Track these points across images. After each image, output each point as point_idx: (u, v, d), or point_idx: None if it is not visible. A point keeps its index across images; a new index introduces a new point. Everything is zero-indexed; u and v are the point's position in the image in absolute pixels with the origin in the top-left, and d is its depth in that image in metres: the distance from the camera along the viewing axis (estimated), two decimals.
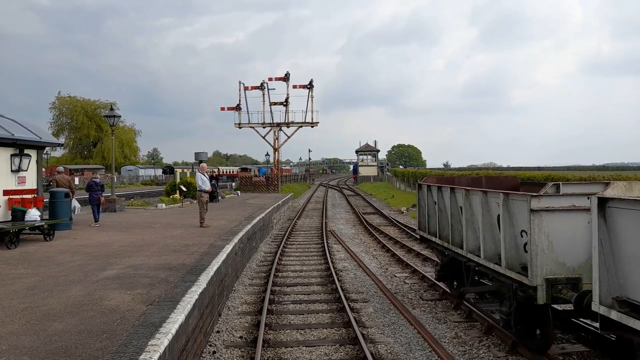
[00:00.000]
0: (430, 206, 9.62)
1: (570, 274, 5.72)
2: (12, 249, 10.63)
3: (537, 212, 5.64)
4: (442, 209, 8.81)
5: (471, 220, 7.47)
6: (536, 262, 5.67)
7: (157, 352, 4.50)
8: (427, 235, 9.81)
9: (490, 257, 6.85)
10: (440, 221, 8.94)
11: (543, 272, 5.68)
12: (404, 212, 29.58)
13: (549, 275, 5.70)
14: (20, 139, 12.44)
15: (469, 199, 7.48)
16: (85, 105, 76.54)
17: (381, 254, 15.48)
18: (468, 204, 7.48)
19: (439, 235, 9.01)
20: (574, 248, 5.70)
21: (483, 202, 6.91)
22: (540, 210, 5.64)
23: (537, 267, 5.68)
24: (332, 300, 9.67)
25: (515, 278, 6.13)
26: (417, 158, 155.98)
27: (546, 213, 5.65)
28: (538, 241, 5.65)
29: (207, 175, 15.46)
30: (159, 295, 6.56)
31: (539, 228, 5.64)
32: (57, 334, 5.05)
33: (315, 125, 43.63)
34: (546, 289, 5.69)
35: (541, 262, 5.67)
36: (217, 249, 10.36)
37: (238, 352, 7.02)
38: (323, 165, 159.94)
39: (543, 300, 5.72)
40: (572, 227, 5.69)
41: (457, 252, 8.13)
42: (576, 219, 5.68)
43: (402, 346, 7.27)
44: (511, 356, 6.80)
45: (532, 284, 5.72)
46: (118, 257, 9.49)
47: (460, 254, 7.96)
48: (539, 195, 5.69)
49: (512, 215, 6.25)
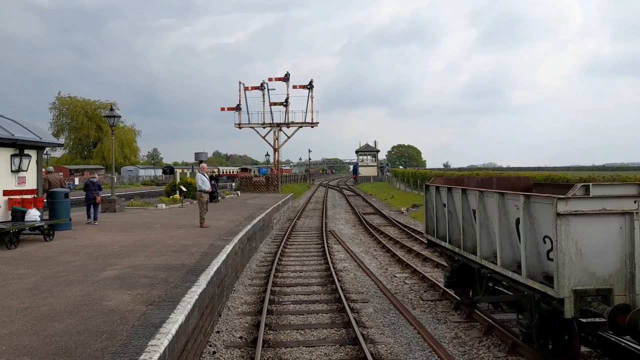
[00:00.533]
0: (438, 209, 9.07)
1: (601, 285, 5.22)
2: (12, 249, 10.63)
3: (564, 216, 5.15)
4: (452, 212, 8.30)
5: (485, 225, 6.95)
6: (563, 271, 5.18)
7: (157, 353, 4.50)
8: (436, 240, 9.24)
9: (507, 265, 6.36)
10: (450, 225, 8.43)
11: (571, 282, 5.19)
12: (404, 213, 29.58)
13: (577, 287, 5.20)
14: (21, 139, 12.44)
15: (483, 202, 6.95)
16: (86, 106, 76.56)
17: (381, 254, 15.48)
18: (482, 206, 6.96)
19: (448, 239, 8.49)
20: (604, 256, 5.23)
21: (500, 205, 6.41)
22: (568, 214, 5.16)
23: (564, 277, 5.18)
24: (332, 301, 9.67)
25: (539, 289, 5.62)
26: (417, 158, 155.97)
27: (574, 217, 5.17)
28: (565, 249, 5.17)
29: (207, 175, 15.45)
30: (159, 296, 6.56)
31: (566, 234, 5.16)
32: (57, 334, 5.05)
33: (315, 126, 43.63)
34: (574, 302, 5.19)
35: (569, 271, 5.18)
36: (217, 249, 10.36)
37: (238, 352, 7.02)
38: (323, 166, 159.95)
39: (571, 314, 5.23)
40: (602, 233, 5.22)
41: (469, 258, 7.59)
42: (607, 224, 5.22)
43: (402, 346, 7.27)
44: (511, 356, 6.80)
45: (559, 296, 5.21)
46: (118, 258, 9.49)
47: (473, 260, 7.43)
48: (566, 198, 5.21)
49: (533, 220, 5.75)
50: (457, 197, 8.02)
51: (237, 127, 44.14)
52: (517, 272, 6.08)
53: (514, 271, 6.18)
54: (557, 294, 5.22)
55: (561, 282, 5.19)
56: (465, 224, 7.72)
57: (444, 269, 12.68)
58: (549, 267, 5.54)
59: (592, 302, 5.18)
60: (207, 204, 14.83)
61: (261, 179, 43.28)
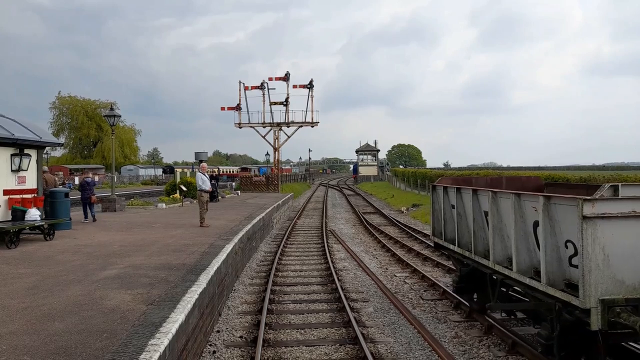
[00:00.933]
0: (446, 210, 8.61)
1: (631, 294, 4.81)
2: (12, 248, 10.63)
3: (590, 219, 4.74)
4: (462, 214, 7.87)
5: (499, 227, 6.56)
6: (589, 279, 4.76)
7: (157, 352, 4.50)
8: (444, 243, 8.82)
9: (524, 271, 5.96)
10: (460, 227, 7.99)
11: (597, 291, 4.77)
12: (404, 212, 29.58)
13: (605, 296, 4.78)
14: (21, 139, 12.44)
15: (496, 203, 6.56)
16: (86, 105, 76.57)
17: (381, 254, 15.48)
18: (495, 208, 6.56)
19: (457, 242, 8.06)
20: (634, 262, 4.85)
21: (515, 207, 5.99)
22: (595, 217, 4.75)
23: (590, 285, 4.77)
24: (332, 300, 9.67)
25: (560, 297, 5.22)
26: (417, 158, 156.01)
27: (601, 220, 4.76)
28: (591, 254, 4.75)
29: (207, 175, 15.46)
30: (159, 295, 6.56)
31: (593, 239, 4.75)
32: (57, 334, 5.05)
33: (316, 125, 43.63)
34: (601, 313, 4.76)
35: (595, 279, 4.77)
36: (217, 248, 10.36)
37: (238, 352, 7.02)
38: (323, 165, 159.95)
39: (598, 326, 4.81)
40: (633, 238, 4.84)
41: (481, 262, 7.17)
42: (638, 228, 4.84)
43: (402, 346, 7.27)
44: (511, 356, 6.81)
45: (584, 306, 4.80)
46: (118, 257, 9.49)
47: (485, 265, 7.00)
48: (593, 199, 4.83)
49: (554, 223, 5.36)
50: (467, 198, 7.61)
51: (237, 127, 44.13)
52: (535, 278, 5.69)
53: (532, 277, 5.79)
54: (582, 304, 4.83)
55: (587, 291, 4.79)
56: (476, 226, 7.30)
57: (443, 268, 12.70)
58: (571, 273, 5.19)
59: (621, 313, 4.79)
60: (207, 204, 14.84)
61: (261, 178, 43.29)
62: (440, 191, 8.86)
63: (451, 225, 8.40)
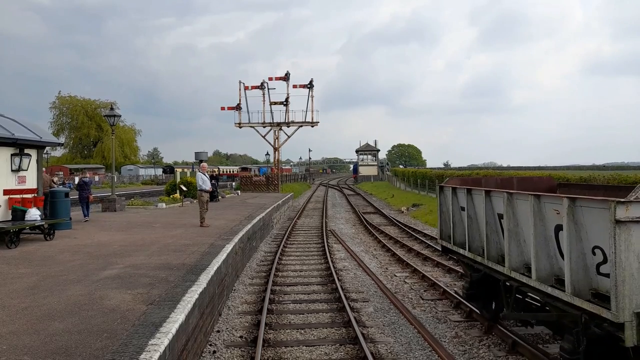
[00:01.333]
0: (455, 212, 8.11)
1: None
2: (13, 248, 10.63)
3: (624, 223, 4.33)
4: (473, 216, 7.40)
5: (515, 232, 6.15)
6: (623, 290, 4.35)
7: (157, 352, 4.50)
8: (453, 247, 8.28)
9: (544, 278, 5.54)
10: (470, 230, 7.50)
11: (632, 304, 4.36)
12: (404, 212, 29.58)
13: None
14: (21, 139, 12.44)
15: (512, 205, 6.15)
16: (86, 105, 76.59)
17: (381, 254, 15.48)
18: (511, 211, 6.16)
19: (468, 247, 7.56)
20: None
21: (535, 209, 5.57)
22: (629, 221, 4.34)
23: (624, 297, 4.36)
24: (332, 300, 9.67)
25: (588, 309, 4.78)
26: (417, 158, 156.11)
27: (636, 225, 4.35)
28: (625, 263, 4.35)
29: (207, 174, 15.46)
30: (159, 295, 6.56)
31: (627, 245, 4.34)
32: (57, 334, 5.06)
33: (316, 125, 43.59)
34: (637, 327, 4.36)
35: (629, 290, 4.36)
36: (217, 248, 10.36)
37: (238, 352, 7.03)
38: (323, 165, 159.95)
39: (633, 342, 4.40)
40: None
41: (494, 268, 6.73)
42: None
43: (402, 346, 7.28)
44: (511, 356, 6.81)
45: (617, 320, 4.39)
46: (118, 257, 9.49)
47: (499, 272, 6.57)
48: (627, 202, 4.41)
49: (580, 227, 4.95)
50: (478, 200, 7.15)
51: (237, 127, 44.11)
52: (558, 287, 5.25)
53: (553, 286, 5.36)
54: (615, 318, 4.42)
55: (620, 304, 4.36)
56: (489, 230, 6.85)
57: (444, 268, 12.71)
58: (598, 283, 4.80)
59: None
60: (207, 204, 14.84)
61: (261, 178, 43.30)
62: (449, 192, 8.34)
63: (460, 229, 7.91)
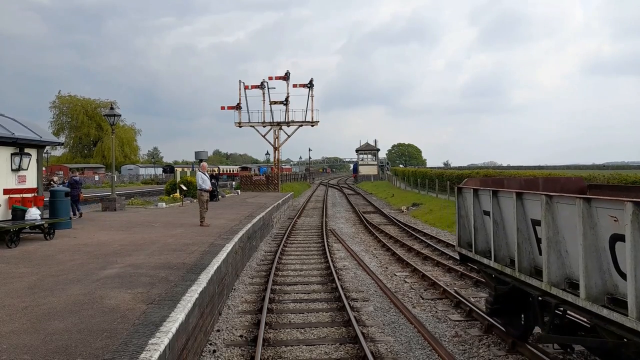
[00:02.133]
0: (477, 217, 7.29)
1: None
2: (13, 247, 10.63)
3: None
4: (499, 222, 6.60)
5: (555, 241, 5.43)
6: None
7: (157, 351, 4.50)
8: (474, 255, 7.38)
9: (594, 297, 4.77)
10: (496, 238, 6.68)
11: None
12: (404, 211, 29.58)
13: None
14: (21, 138, 12.45)
15: (552, 210, 5.40)
16: (86, 104, 76.53)
17: (381, 253, 15.48)
18: (550, 216, 5.43)
19: (493, 256, 6.73)
20: None
21: (584, 215, 4.79)
22: None
23: None
24: (332, 299, 9.67)
25: None
26: (417, 157, 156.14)
27: None
28: None
29: (207, 174, 15.46)
30: (159, 294, 6.56)
31: None
32: (57, 333, 5.06)
33: (316, 125, 43.61)
34: None
35: None
36: (217, 248, 10.36)
37: (238, 351, 7.03)
38: (323, 164, 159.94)
39: None
40: None
41: (526, 282, 6.00)
42: None
43: (402, 345, 7.28)
44: (511, 355, 6.81)
45: None
46: (118, 256, 9.49)
47: (534, 286, 5.80)
48: None
49: None
50: (506, 203, 6.33)
51: (238, 126, 44.13)
52: (613, 308, 4.51)
53: (607, 307, 4.57)
54: None
55: None
56: (520, 238, 6.09)
57: (444, 268, 12.71)
58: None
59: None
60: (207, 203, 14.84)
61: (261, 177, 43.29)
62: (469, 195, 7.49)
63: (483, 235, 7.17)
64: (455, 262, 13.33)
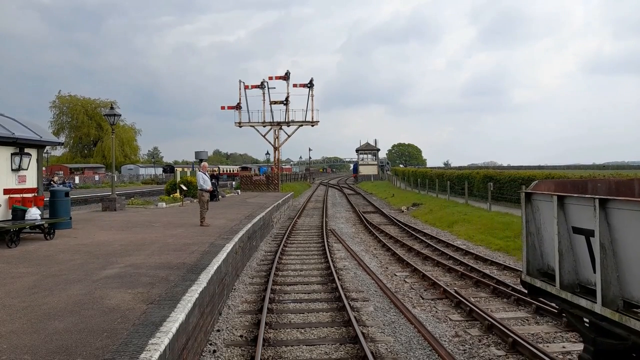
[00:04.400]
0: (562, 236, 5.17)
1: None
2: (13, 247, 10.63)
3: None
4: (607, 246, 4.46)
5: None
6: None
7: (157, 351, 4.50)
8: (560, 292, 5.20)
9: None
10: (605, 270, 4.48)
11: None
12: (404, 211, 29.58)
13: None
14: (21, 138, 12.44)
15: None
16: (86, 104, 76.57)
17: (381, 253, 15.48)
18: None
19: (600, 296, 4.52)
20: None
21: None
22: None
23: None
24: (332, 299, 9.67)
25: None
26: (417, 157, 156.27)
27: None
28: None
29: (207, 174, 15.46)
30: (160, 294, 6.56)
31: None
32: (57, 333, 5.06)
33: (316, 124, 43.62)
34: None
35: None
36: (217, 247, 10.36)
37: (238, 351, 7.03)
38: (323, 164, 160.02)
39: None
40: None
41: None
42: None
43: (403, 345, 7.28)
44: (511, 355, 6.81)
45: None
46: (118, 256, 9.49)
47: None
48: None
49: None
50: (627, 220, 4.28)
51: (238, 126, 44.14)
52: None
53: None
54: None
55: None
56: None
57: (444, 268, 12.70)
58: None
59: None
60: (207, 203, 14.83)
61: (261, 177, 43.28)
62: (549, 204, 5.40)
63: (570, 262, 5.20)
64: (455, 262, 13.33)
